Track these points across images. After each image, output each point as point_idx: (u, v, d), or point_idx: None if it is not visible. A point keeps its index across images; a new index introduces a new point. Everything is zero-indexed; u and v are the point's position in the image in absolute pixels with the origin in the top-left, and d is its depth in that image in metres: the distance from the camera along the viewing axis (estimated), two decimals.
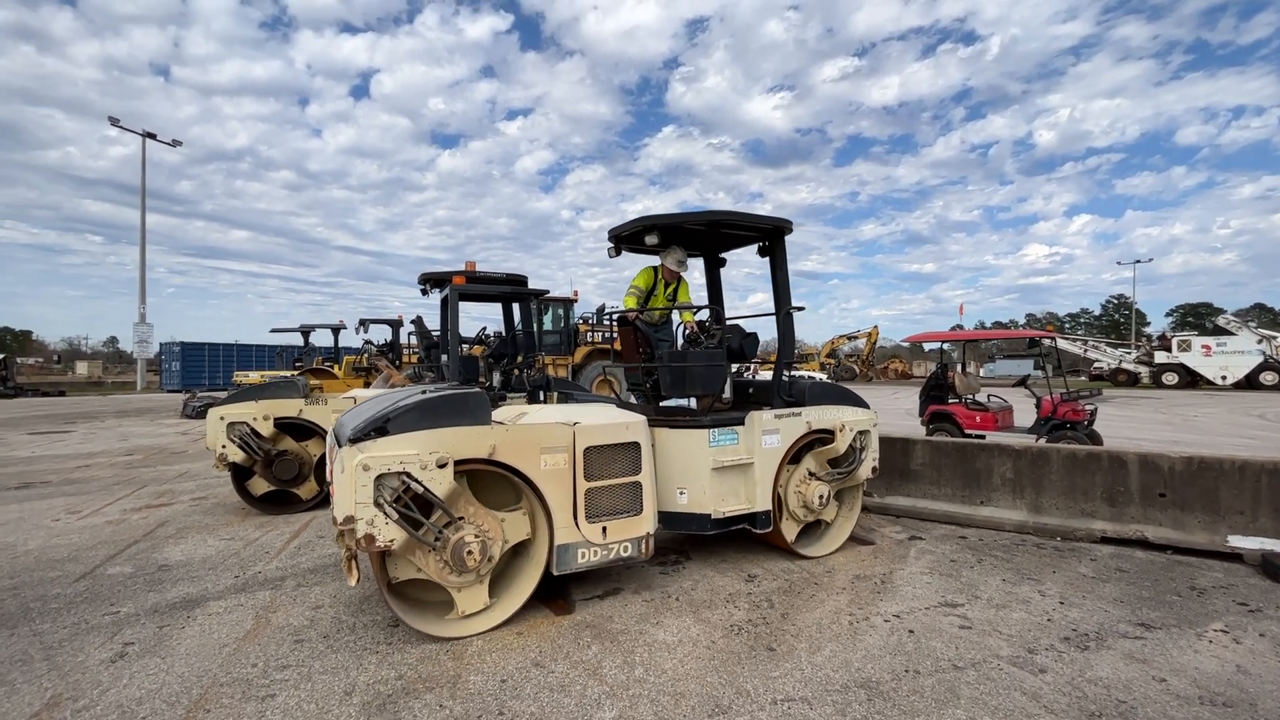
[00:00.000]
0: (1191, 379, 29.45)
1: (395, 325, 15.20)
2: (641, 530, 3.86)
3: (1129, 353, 34.47)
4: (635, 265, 5.75)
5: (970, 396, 9.78)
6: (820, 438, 4.76)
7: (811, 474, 4.74)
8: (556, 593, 3.96)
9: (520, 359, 7.05)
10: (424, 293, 7.65)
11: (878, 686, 2.87)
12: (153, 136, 35.92)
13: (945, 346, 12.40)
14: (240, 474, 6.32)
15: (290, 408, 6.33)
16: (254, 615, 3.71)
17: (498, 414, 4.07)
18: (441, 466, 3.24)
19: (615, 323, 5.52)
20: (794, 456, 4.67)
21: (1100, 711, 2.65)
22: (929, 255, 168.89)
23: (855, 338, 44.88)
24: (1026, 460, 5.50)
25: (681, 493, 4.28)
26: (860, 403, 5.05)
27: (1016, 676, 2.94)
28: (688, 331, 5.27)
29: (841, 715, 2.64)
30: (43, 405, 23.08)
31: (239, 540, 5.31)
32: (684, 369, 4.56)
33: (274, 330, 19.56)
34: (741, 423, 4.41)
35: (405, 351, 15.30)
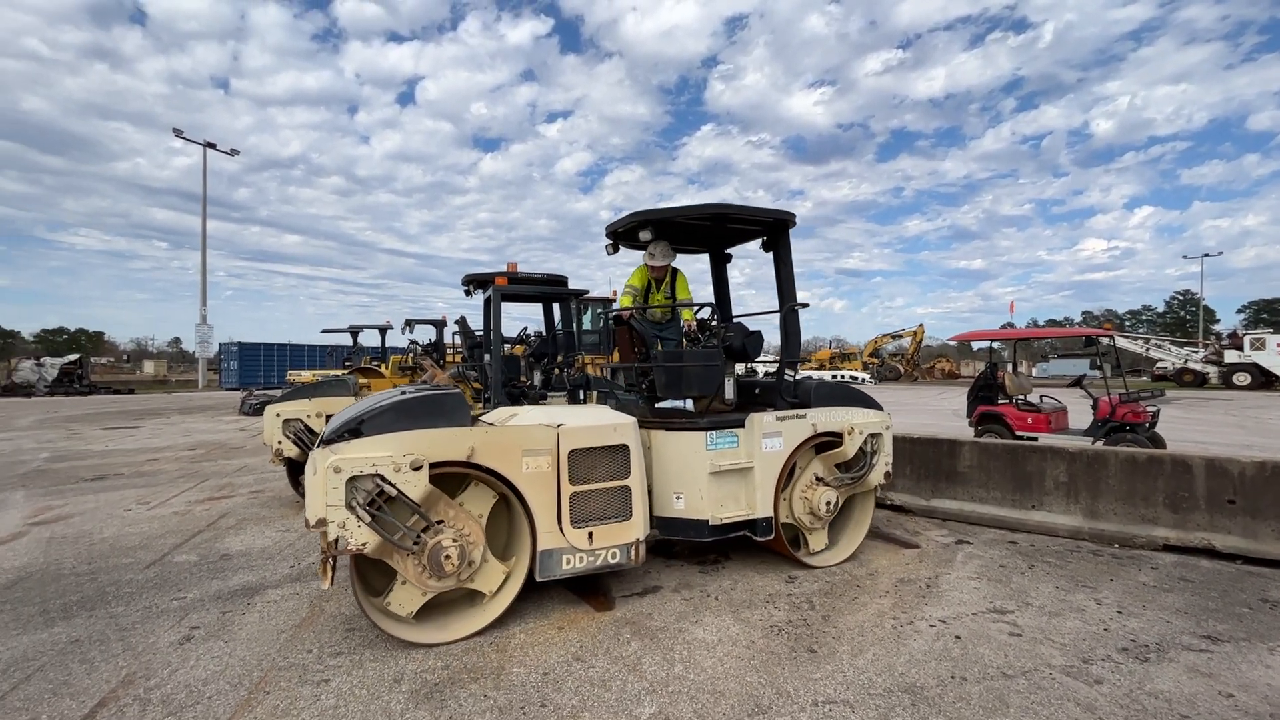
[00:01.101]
0: (1266, 379, 27.68)
1: (439, 325, 15.56)
2: (631, 536, 3.73)
3: (1196, 352, 32.66)
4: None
5: (1021, 397, 9.45)
6: (828, 441, 4.55)
7: (819, 479, 4.52)
8: (596, 589, 4.01)
9: (560, 358, 7.15)
10: (467, 293, 7.83)
11: (922, 692, 2.81)
12: (212, 146, 37.73)
13: (995, 345, 12.00)
14: (295, 468, 6.59)
15: (341, 405, 6.57)
16: (308, 604, 3.87)
17: (489, 415, 4.04)
18: (416, 469, 3.16)
19: (613, 322, 5.31)
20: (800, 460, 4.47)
21: None
22: (977, 251, 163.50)
23: (900, 336, 43.83)
24: (1082, 463, 5.29)
25: (678, 497, 4.15)
26: (872, 404, 4.83)
27: (1070, 687, 2.84)
28: (686, 330, 5.10)
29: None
30: (114, 402, 24.50)
31: (294, 532, 5.54)
32: (679, 369, 4.39)
33: (325, 331, 20.37)
34: (741, 425, 4.24)
35: (449, 351, 15.66)
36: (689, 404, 4.56)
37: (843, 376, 41.11)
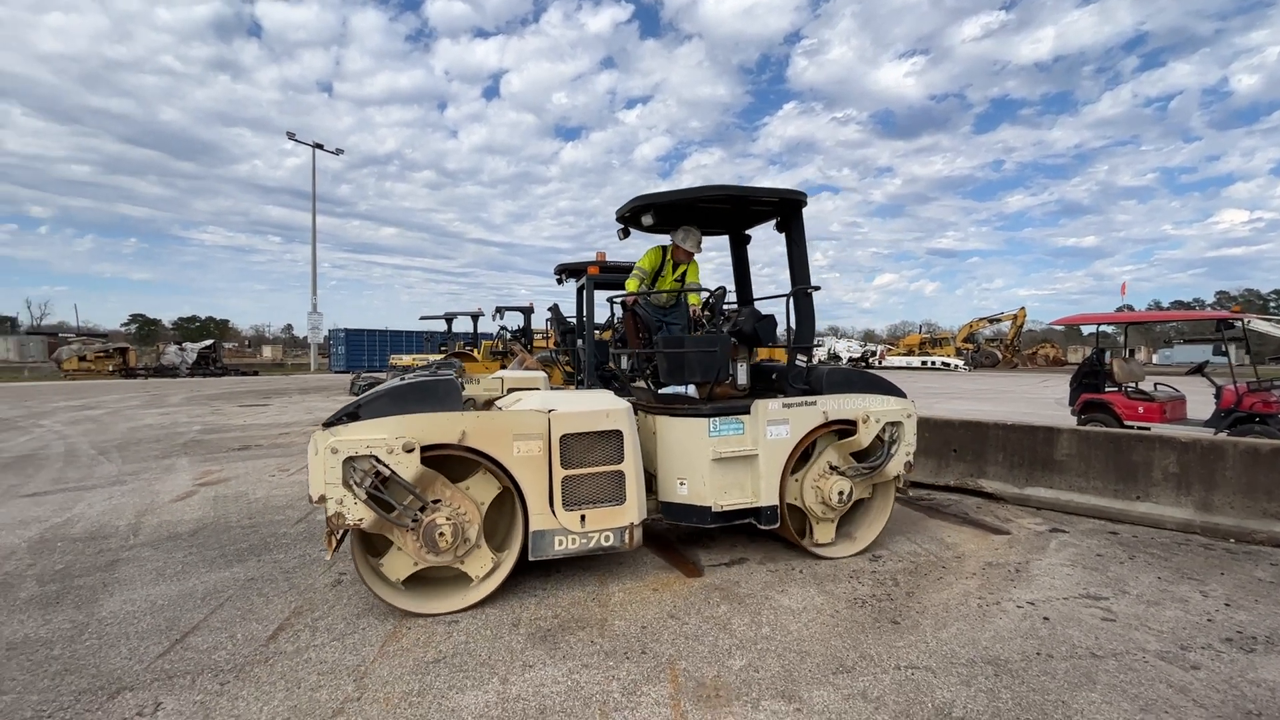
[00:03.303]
0: None
1: (527, 312, 16.33)
2: (624, 520, 3.79)
3: None
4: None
5: (1132, 385, 8.87)
6: (844, 429, 4.43)
7: (833, 468, 4.41)
8: (685, 557, 4.30)
9: None
10: (559, 281, 8.28)
11: (1006, 664, 2.91)
12: (320, 147, 40.72)
13: (1106, 329, 11.24)
14: None
15: None
16: None
17: (502, 400, 4.29)
18: (409, 451, 3.31)
19: (620, 307, 5.28)
20: (814, 449, 4.42)
21: (1261, 711, 2.53)
22: (1089, 227, 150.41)
23: (998, 320, 41.27)
24: (1195, 454, 5.03)
25: (682, 483, 4.17)
26: (893, 391, 4.65)
27: (1163, 670, 2.85)
28: (692, 315, 5.10)
29: (966, 686, 2.73)
30: (243, 383, 27.29)
31: None
32: (681, 355, 4.37)
33: (422, 318, 21.90)
34: (747, 411, 4.21)
35: (537, 336, 16.41)
36: (691, 390, 4.55)
37: (933, 363, 39.28)
